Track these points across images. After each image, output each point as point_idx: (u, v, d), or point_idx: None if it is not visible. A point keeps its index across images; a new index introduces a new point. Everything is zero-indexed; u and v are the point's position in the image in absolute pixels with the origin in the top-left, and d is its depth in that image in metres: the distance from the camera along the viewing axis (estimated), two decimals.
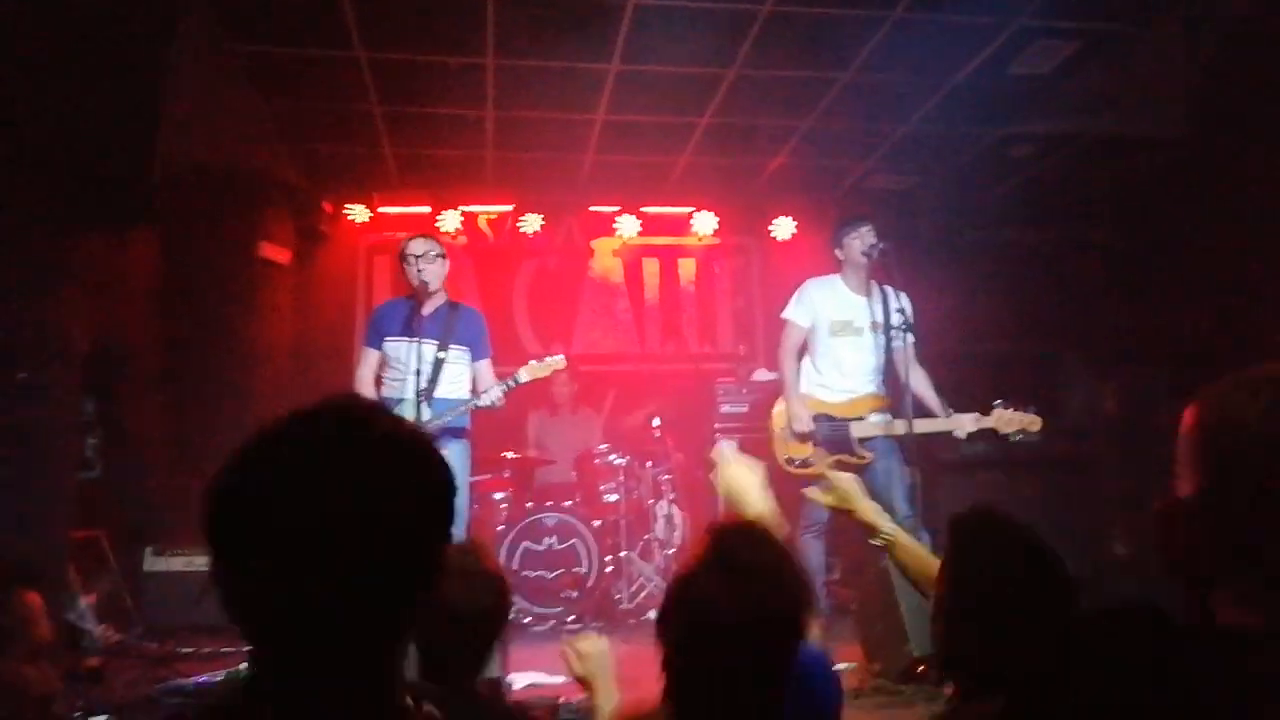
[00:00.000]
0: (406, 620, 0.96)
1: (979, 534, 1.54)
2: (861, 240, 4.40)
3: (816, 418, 4.41)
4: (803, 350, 4.60)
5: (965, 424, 4.19)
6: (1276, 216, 5.13)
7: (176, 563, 4.86)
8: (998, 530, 1.53)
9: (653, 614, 4.81)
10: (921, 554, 2.11)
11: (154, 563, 4.79)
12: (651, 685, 3.35)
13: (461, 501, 4.22)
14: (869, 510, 2.22)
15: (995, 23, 4.83)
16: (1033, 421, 4.16)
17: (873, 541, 2.19)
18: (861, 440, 4.31)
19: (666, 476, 5.64)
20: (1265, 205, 5.21)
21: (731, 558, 1.40)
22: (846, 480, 2.33)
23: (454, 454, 4.23)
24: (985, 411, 4.18)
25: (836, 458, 4.32)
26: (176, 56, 3.06)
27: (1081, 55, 5.19)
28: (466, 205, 7.17)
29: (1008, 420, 4.14)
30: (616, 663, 2.13)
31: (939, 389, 4.33)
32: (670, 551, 5.49)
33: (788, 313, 4.60)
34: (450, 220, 7.10)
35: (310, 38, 4.85)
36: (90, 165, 2.80)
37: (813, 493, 2.48)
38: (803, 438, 4.40)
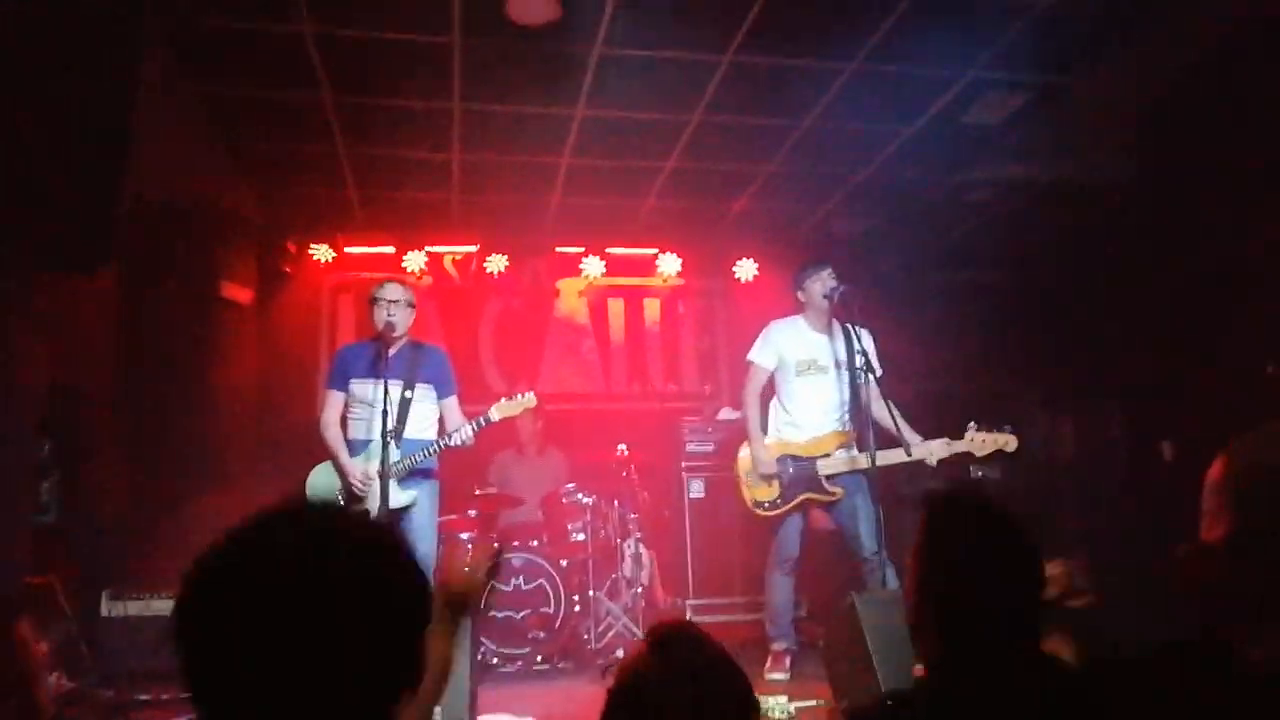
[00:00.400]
0: (393, 716, 0.96)
1: (951, 510, 1.57)
2: (822, 283, 4.51)
3: (781, 459, 4.46)
4: (769, 392, 4.67)
5: (935, 451, 4.24)
6: (1221, 257, 5.33)
7: (133, 607, 4.74)
8: (969, 507, 1.56)
9: (620, 652, 4.82)
10: None
11: (111, 607, 4.67)
12: None
13: (429, 542, 4.22)
14: None
15: (948, 75, 5.02)
16: (1008, 441, 4.20)
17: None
18: (829, 477, 4.37)
19: (633, 515, 5.64)
20: (1210, 245, 5.41)
21: (672, 659, 1.39)
22: None
23: (423, 494, 4.22)
24: (957, 436, 4.23)
25: (805, 496, 4.37)
26: (142, 97, 3.07)
27: (1030, 105, 5.39)
28: (432, 245, 7.20)
29: (982, 441, 4.19)
30: (585, 705, 2.12)
31: (909, 420, 4.39)
32: (637, 590, 5.48)
33: (752, 355, 4.68)
34: (415, 261, 7.12)
35: (274, 79, 4.87)
36: (52, 206, 2.78)
37: None
38: (768, 479, 4.45)
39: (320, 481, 4.30)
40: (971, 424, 4.23)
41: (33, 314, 3.86)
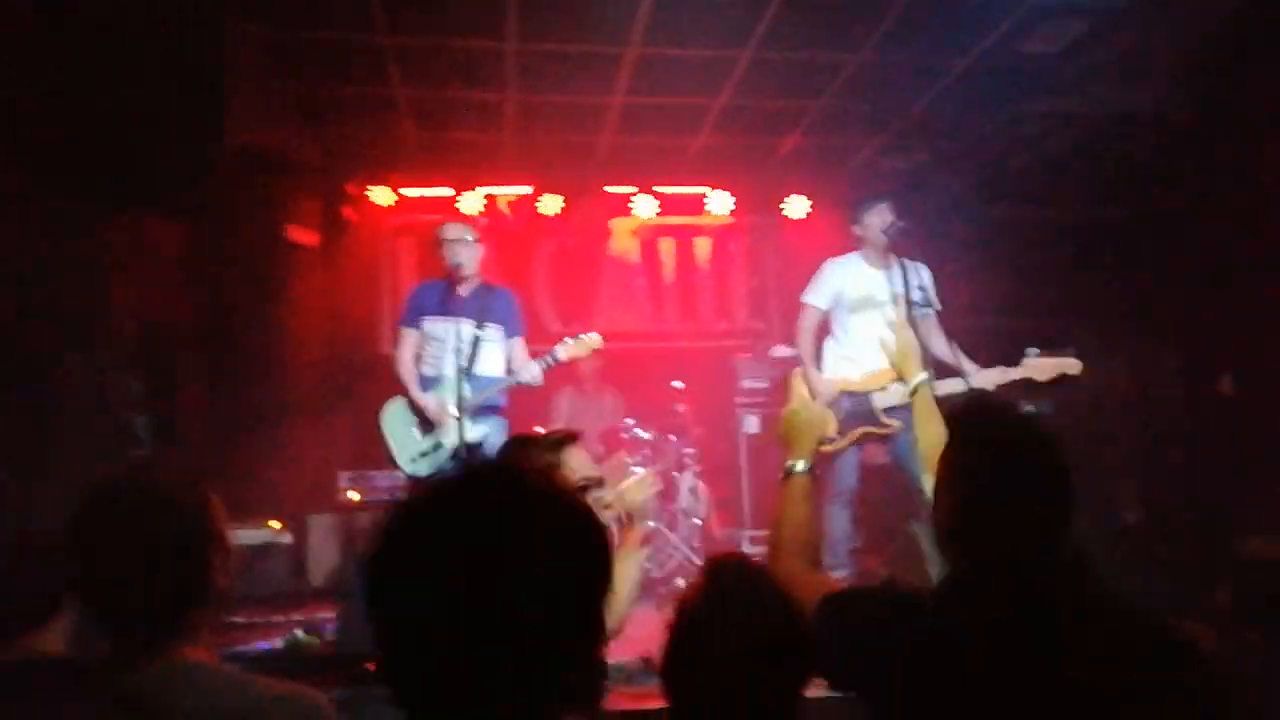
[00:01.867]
0: (570, 685, 0.92)
1: (980, 416, 1.57)
2: (880, 218, 4.52)
3: (838, 395, 4.55)
4: (825, 330, 4.73)
5: (994, 378, 4.19)
6: (1276, 191, 5.24)
7: None
8: (998, 413, 1.56)
9: (681, 581, 4.99)
10: (937, 415, 2.21)
11: None
12: None
13: None
14: (910, 364, 2.35)
15: (1006, 2, 4.93)
16: (1072, 364, 4.09)
17: (905, 387, 2.31)
18: (886, 410, 4.45)
19: (690, 450, 5.80)
20: (1271, 177, 5.32)
21: (728, 591, 1.43)
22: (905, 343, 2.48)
23: (493, 430, 4.38)
24: (1014, 362, 4.19)
25: (863, 430, 4.46)
26: (232, 48, 3.19)
27: (1092, 33, 5.28)
28: (487, 187, 7.29)
29: (1042, 367, 4.14)
30: (649, 631, 2.13)
31: (968, 353, 4.39)
32: (695, 521, 5.66)
33: (806, 295, 4.72)
34: (471, 202, 7.22)
35: (333, 22, 4.94)
36: (154, 155, 2.93)
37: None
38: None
39: (395, 417, 4.47)
40: (1031, 349, 4.19)
41: (120, 259, 4.04)
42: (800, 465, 1.92)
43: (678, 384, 5.89)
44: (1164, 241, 6.42)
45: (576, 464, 2.08)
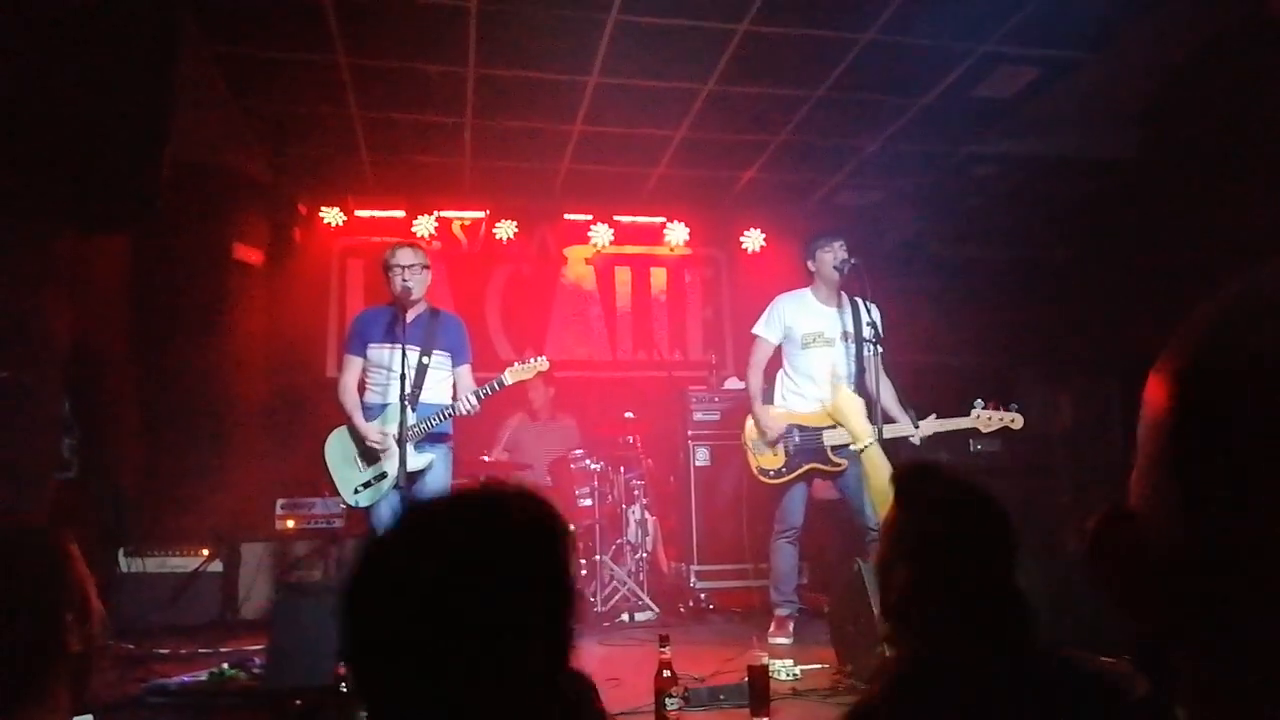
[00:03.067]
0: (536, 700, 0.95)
1: (922, 484, 1.54)
2: (834, 254, 4.55)
3: (788, 428, 4.55)
4: (776, 363, 4.74)
5: (939, 426, 4.34)
6: (1223, 234, 5.38)
7: (150, 563, 4.86)
8: (941, 481, 1.53)
9: (625, 616, 4.91)
10: (885, 472, 2.20)
11: (128, 563, 4.78)
12: (633, 683, 3.43)
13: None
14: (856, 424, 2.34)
15: (961, 48, 5.04)
16: (1014, 419, 4.30)
17: (853, 447, 2.31)
18: (834, 448, 4.45)
19: (639, 482, 5.74)
20: (1213, 223, 5.46)
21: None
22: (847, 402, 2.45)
23: (438, 457, 4.30)
24: (958, 410, 4.32)
25: (810, 465, 4.46)
26: (184, 63, 3.10)
27: (1042, 80, 5.41)
28: (441, 210, 7.23)
29: (989, 419, 4.30)
30: (592, 664, 2.13)
31: (905, 398, 4.47)
32: (642, 555, 5.59)
33: (757, 328, 4.74)
34: (425, 225, 7.15)
35: (292, 42, 4.88)
36: (95, 168, 2.83)
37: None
38: (774, 447, 4.54)
39: (337, 447, 4.37)
40: (978, 401, 4.31)
41: (56, 275, 3.90)
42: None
43: (629, 415, 5.85)
44: (1108, 280, 6.56)
45: None
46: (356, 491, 4.27)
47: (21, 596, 1.29)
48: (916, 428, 4.32)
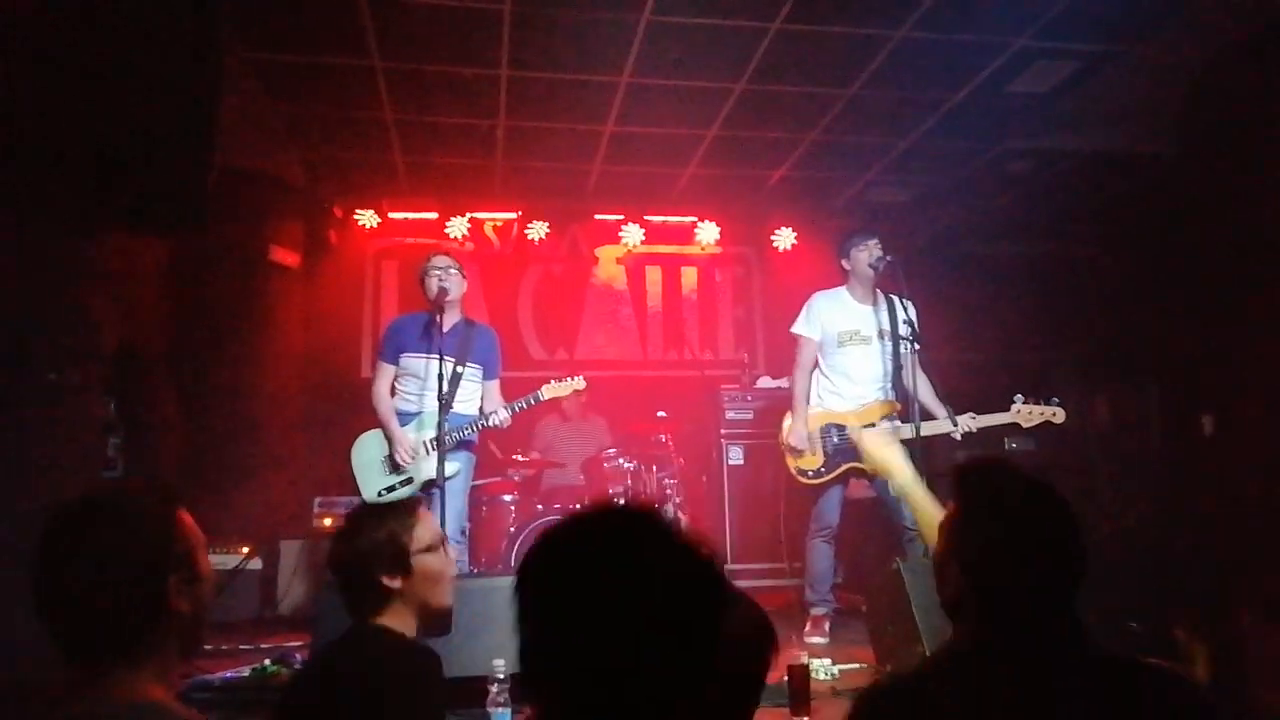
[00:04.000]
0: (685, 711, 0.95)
1: (985, 483, 1.50)
2: (869, 253, 4.53)
3: (826, 428, 4.53)
4: (814, 363, 4.73)
5: (981, 422, 4.32)
6: (1263, 232, 5.29)
7: None
8: (1005, 481, 1.49)
9: None
10: (930, 507, 2.19)
11: None
12: None
13: (460, 504, 4.35)
14: (895, 465, 2.35)
15: (996, 43, 4.99)
16: (1055, 413, 4.27)
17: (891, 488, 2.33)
18: None
19: (671, 481, 5.74)
20: (1253, 221, 5.37)
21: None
22: (872, 444, 2.47)
23: (461, 463, 4.35)
24: (996, 407, 4.29)
25: (849, 465, 4.44)
26: (225, 70, 3.16)
27: (1078, 75, 5.35)
28: (474, 212, 7.28)
29: (1029, 414, 4.27)
30: None
31: (944, 397, 4.44)
32: None
33: (798, 328, 4.70)
34: (457, 226, 7.20)
35: (327, 45, 4.93)
36: (143, 170, 2.89)
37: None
38: (812, 448, 4.52)
39: (366, 451, 4.42)
40: (1018, 396, 4.28)
41: (101, 276, 3.98)
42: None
43: (662, 414, 5.85)
44: (1146, 278, 6.47)
45: (423, 533, 2.09)
46: (380, 495, 4.33)
47: (127, 555, 1.31)
48: (955, 425, 4.29)
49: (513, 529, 5.34)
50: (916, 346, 4.41)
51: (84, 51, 2.86)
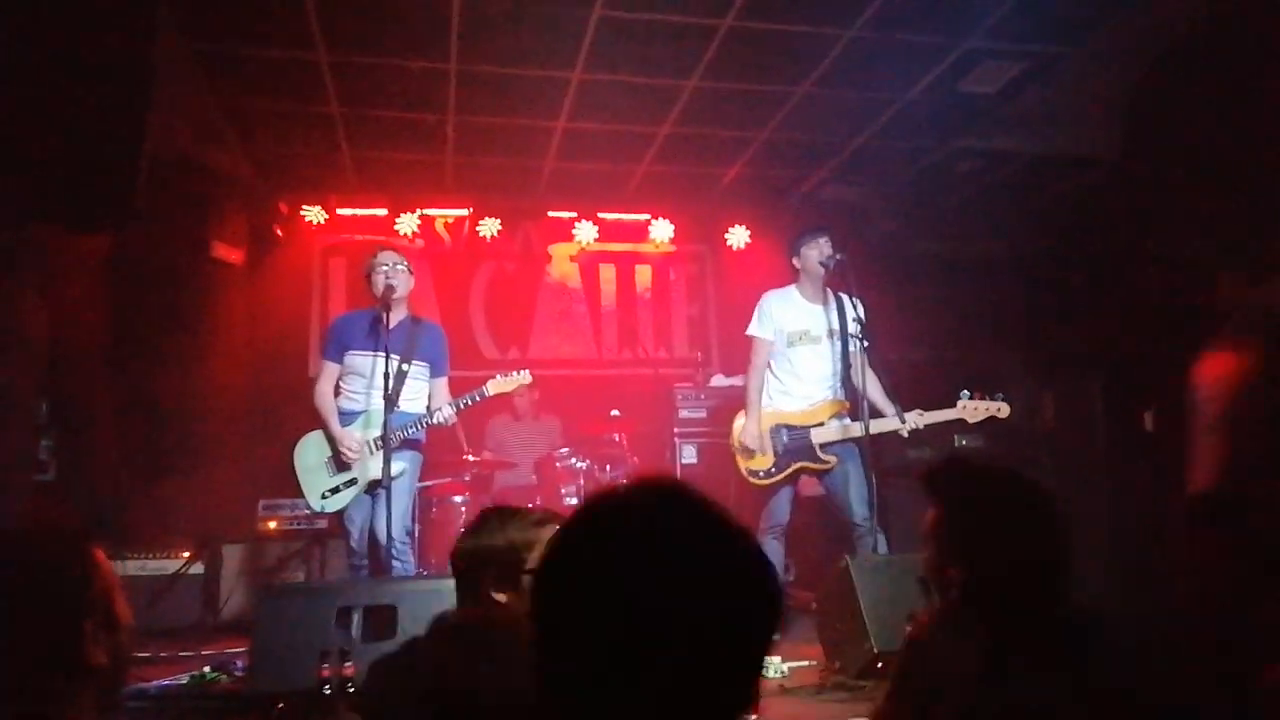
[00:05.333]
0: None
1: (954, 480, 1.52)
2: (819, 251, 4.54)
3: (776, 428, 4.53)
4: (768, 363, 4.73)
5: (927, 418, 4.36)
6: (1204, 231, 5.41)
7: (131, 566, 4.79)
8: (974, 475, 1.51)
9: None
10: None
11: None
12: None
13: (405, 504, 4.29)
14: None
15: (945, 43, 5.03)
16: (1000, 407, 4.32)
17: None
18: (823, 446, 4.44)
19: (624, 480, 5.71)
20: (1194, 221, 5.49)
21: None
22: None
23: (407, 462, 4.29)
24: (942, 404, 4.33)
25: (799, 465, 4.45)
26: (162, 59, 3.06)
27: (1024, 76, 5.42)
28: (424, 208, 7.17)
29: (975, 409, 4.31)
30: None
31: (892, 394, 4.47)
32: None
33: (752, 329, 4.69)
34: (407, 223, 7.10)
35: (271, 38, 4.82)
36: (73, 167, 2.78)
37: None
38: (762, 448, 4.52)
39: (308, 453, 4.34)
40: (964, 392, 4.32)
41: (32, 273, 3.84)
42: None
43: (615, 413, 5.82)
44: (1091, 279, 6.59)
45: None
46: (324, 497, 4.27)
47: (39, 605, 1.23)
48: (903, 422, 4.32)
49: (463, 530, 5.26)
50: (865, 344, 4.43)
51: (7, 41, 2.74)
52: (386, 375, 4.00)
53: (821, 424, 4.47)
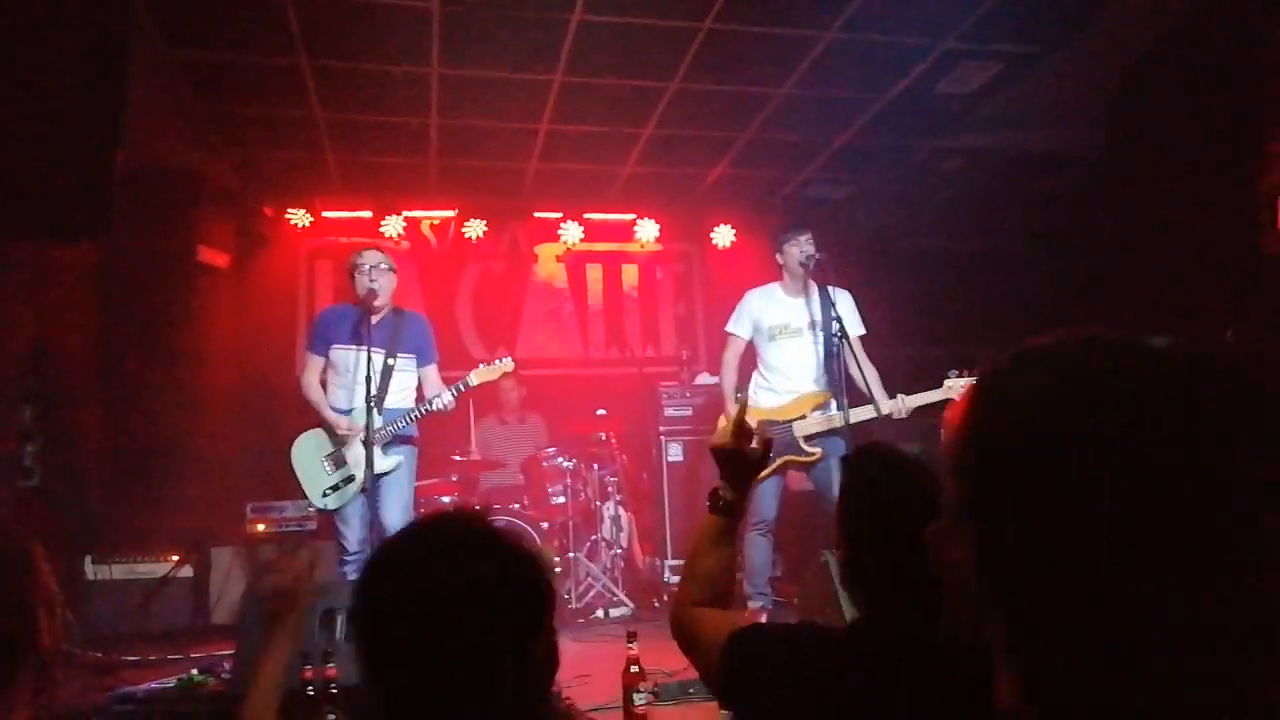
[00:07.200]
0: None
1: (861, 465, 1.58)
2: (800, 249, 4.58)
3: (759, 424, 4.56)
4: (750, 360, 4.77)
5: (909, 403, 4.34)
6: (1184, 228, 5.47)
7: (117, 571, 4.81)
8: (874, 459, 1.57)
9: (600, 613, 4.92)
10: None
11: (94, 571, 4.73)
12: (604, 679, 3.45)
13: (406, 497, 4.31)
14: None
15: (923, 45, 5.08)
16: None
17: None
18: (807, 439, 4.48)
19: (613, 479, 5.75)
20: (1174, 217, 5.55)
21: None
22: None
23: (404, 459, 4.29)
24: (938, 384, 4.33)
25: (785, 459, 4.48)
26: (132, 68, 3.07)
27: (1002, 77, 5.47)
28: (410, 210, 7.19)
29: (962, 388, 4.31)
30: (565, 662, 2.05)
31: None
32: (616, 551, 5.61)
33: (729, 326, 4.77)
34: (393, 225, 7.11)
35: (254, 44, 4.84)
36: (47, 175, 2.79)
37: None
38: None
39: (305, 451, 4.35)
40: (952, 371, 4.32)
41: (13, 278, 3.85)
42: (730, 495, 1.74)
43: (601, 412, 5.86)
44: (1073, 274, 6.64)
45: None
46: (325, 494, 4.27)
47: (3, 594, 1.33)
48: (880, 412, 4.34)
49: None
50: (849, 336, 4.45)
51: None
52: (369, 378, 4.01)
53: (804, 417, 4.51)
